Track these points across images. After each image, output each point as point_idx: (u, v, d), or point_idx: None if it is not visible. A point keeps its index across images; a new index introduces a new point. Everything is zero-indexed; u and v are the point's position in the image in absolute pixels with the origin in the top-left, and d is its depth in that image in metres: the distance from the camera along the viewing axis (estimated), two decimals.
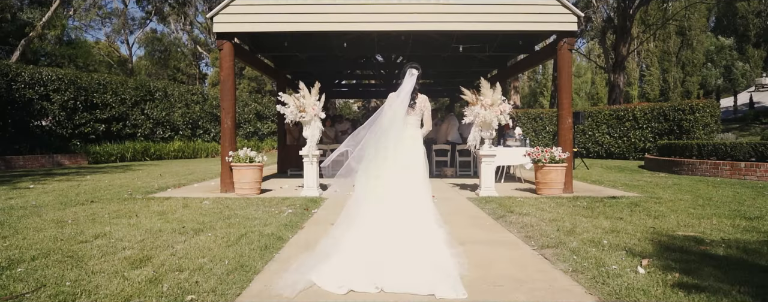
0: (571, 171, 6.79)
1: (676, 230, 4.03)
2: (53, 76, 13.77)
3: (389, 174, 3.44)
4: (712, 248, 3.38)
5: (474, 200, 5.99)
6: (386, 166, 3.47)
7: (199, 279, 2.64)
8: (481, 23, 6.62)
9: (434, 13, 6.58)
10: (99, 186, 7.30)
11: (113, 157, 14.53)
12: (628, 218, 4.59)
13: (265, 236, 3.74)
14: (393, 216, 3.15)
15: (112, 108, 15.23)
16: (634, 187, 7.30)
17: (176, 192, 6.76)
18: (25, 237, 3.65)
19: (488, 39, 8.07)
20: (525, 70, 17.10)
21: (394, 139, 3.57)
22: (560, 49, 6.76)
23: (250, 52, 8.61)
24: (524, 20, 6.63)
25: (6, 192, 6.54)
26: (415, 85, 3.76)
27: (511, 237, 3.87)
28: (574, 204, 5.53)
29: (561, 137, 6.85)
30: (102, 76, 15.86)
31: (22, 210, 4.96)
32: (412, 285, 2.58)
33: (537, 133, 18.17)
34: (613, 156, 16.21)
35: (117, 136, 15.40)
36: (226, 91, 6.96)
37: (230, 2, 6.63)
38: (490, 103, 6.26)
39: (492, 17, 6.57)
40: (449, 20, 6.60)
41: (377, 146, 3.50)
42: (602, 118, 16.56)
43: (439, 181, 8.52)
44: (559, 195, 6.30)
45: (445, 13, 6.57)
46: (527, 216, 4.72)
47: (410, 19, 6.63)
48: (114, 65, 24.49)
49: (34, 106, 13.18)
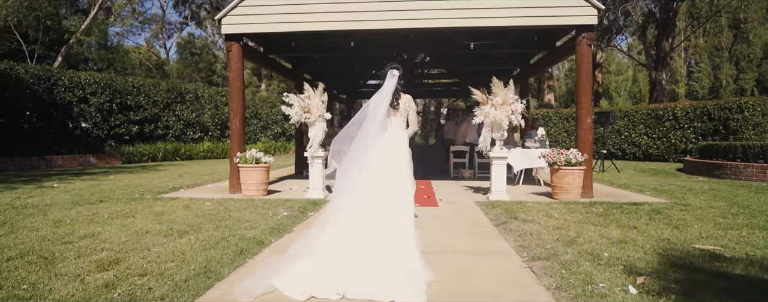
0: (590, 174, 6.35)
1: (694, 242, 3.63)
2: (91, 79, 14.46)
3: (368, 176, 3.36)
4: (730, 265, 2.99)
5: (482, 204, 5.70)
6: (365, 168, 3.40)
7: (154, 285, 2.57)
8: (493, 19, 6.30)
9: (441, 9, 6.33)
10: (116, 186, 7.52)
11: (145, 157, 15.09)
12: (643, 227, 4.19)
13: (246, 240, 3.66)
14: (367, 220, 3.07)
15: (144, 110, 15.83)
16: (662, 192, 6.76)
17: (186, 193, 6.85)
18: (16, 237, 3.73)
19: (502, 36, 7.71)
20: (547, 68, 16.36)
21: (374, 141, 3.49)
22: (579, 44, 6.34)
23: (263, 53, 8.65)
24: (539, 15, 6.26)
25: (30, 191, 6.84)
26: (396, 85, 3.76)
27: (504, 247, 3.60)
28: (588, 210, 5.14)
29: (579, 138, 6.43)
30: (136, 79, 16.52)
31: (32, 209, 5.13)
32: (375, 291, 2.46)
33: (569, 133, 17.38)
34: (651, 158, 15.25)
35: (149, 137, 15.99)
36: (235, 92, 6.99)
37: (238, 4, 6.65)
38: (501, 102, 5.95)
39: (504, 12, 6.24)
40: (458, 17, 6.32)
41: (358, 148, 3.45)
42: (639, 117, 15.62)
43: (454, 184, 8.24)
44: (576, 201, 5.90)
45: (454, 9, 6.30)
46: (531, 223, 4.41)
47: (418, 16, 6.41)
48: (152, 68, 25.63)
49: (73, 108, 13.88)
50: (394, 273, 2.61)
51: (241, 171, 6.62)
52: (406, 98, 3.86)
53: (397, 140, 3.72)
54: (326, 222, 3.14)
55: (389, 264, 2.69)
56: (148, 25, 27.41)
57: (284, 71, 10.37)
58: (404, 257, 2.82)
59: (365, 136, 3.46)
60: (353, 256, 2.77)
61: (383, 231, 3.00)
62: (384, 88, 3.69)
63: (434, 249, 3.53)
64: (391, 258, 2.77)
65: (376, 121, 3.49)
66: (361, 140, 3.43)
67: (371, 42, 8.87)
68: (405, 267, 2.70)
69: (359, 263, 2.70)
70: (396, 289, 2.45)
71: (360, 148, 3.42)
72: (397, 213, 3.21)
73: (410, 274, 2.62)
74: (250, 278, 2.68)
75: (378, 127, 3.51)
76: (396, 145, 3.67)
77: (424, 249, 3.47)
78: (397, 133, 3.77)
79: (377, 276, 2.57)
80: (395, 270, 2.64)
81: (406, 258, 2.81)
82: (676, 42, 25.78)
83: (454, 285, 2.69)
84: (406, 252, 2.89)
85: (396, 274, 2.59)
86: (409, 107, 3.86)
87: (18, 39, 18.68)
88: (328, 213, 3.26)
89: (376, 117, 3.51)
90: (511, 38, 7.65)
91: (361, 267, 2.66)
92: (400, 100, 3.78)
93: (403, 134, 3.81)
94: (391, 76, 3.73)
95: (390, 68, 3.77)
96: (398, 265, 2.70)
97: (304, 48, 8.81)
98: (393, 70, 3.76)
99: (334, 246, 2.88)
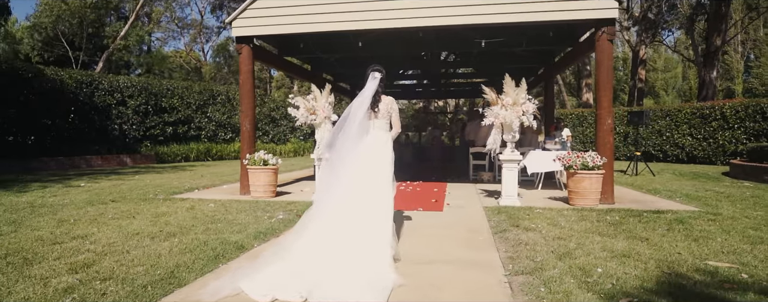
0: (611, 179, 5.92)
1: (710, 258, 3.25)
2: (128, 83, 15.17)
3: (346, 182, 3.30)
4: (741, 289, 2.63)
5: (489, 210, 5.43)
6: (344, 174, 3.34)
7: (112, 290, 2.55)
8: (504, 15, 5.98)
9: (451, 6, 6.08)
10: (137, 186, 7.78)
11: (178, 157, 15.67)
12: (656, 239, 3.82)
13: (226, 244, 3.62)
14: (342, 224, 3.05)
15: (178, 111, 16.44)
16: (695, 199, 6.20)
17: (198, 194, 6.97)
18: (15, 237, 3.87)
19: (521, 33, 7.34)
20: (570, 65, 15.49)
21: (354, 145, 3.46)
22: (598, 39, 5.92)
23: (278, 55, 8.71)
24: (556, 9, 5.88)
25: (56, 190, 7.19)
26: (377, 87, 3.67)
27: (492, 258, 3.36)
28: (601, 218, 4.77)
29: (599, 140, 6.00)
30: (170, 81, 17.19)
31: (46, 208, 5.35)
32: (338, 295, 2.47)
33: None
34: (696, 161, 14.19)
35: (183, 138, 16.59)
36: (245, 94, 7.05)
37: (247, 7, 6.70)
38: (512, 103, 5.66)
39: (516, 8, 5.91)
40: (468, 14, 6.06)
41: (338, 152, 3.43)
42: (682, 117, 14.58)
43: (470, 187, 7.96)
44: (592, 207, 5.50)
45: (464, 6, 6.05)
46: (531, 231, 4.13)
47: (427, 14, 6.20)
48: (191, 71, 26.69)
49: (112, 110, 14.60)
50: (359, 278, 2.61)
51: (249, 172, 6.66)
52: (388, 100, 3.76)
53: (379, 144, 3.63)
54: (303, 227, 3.14)
55: (356, 270, 2.69)
56: (188, 30, 28.56)
57: (302, 73, 10.42)
58: (373, 264, 2.80)
59: (345, 139, 3.43)
60: (323, 262, 2.77)
61: (357, 238, 2.97)
62: (364, 91, 3.63)
63: (419, 258, 3.36)
64: (360, 264, 2.76)
65: (355, 125, 3.44)
66: (341, 144, 3.42)
67: (388, 42, 8.72)
68: (371, 273, 2.69)
69: (328, 268, 2.70)
70: (358, 294, 2.47)
71: (341, 151, 3.40)
72: (374, 219, 3.14)
73: (374, 280, 2.62)
74: (219, 280, 2.72)
75: (357, 130, 3.45)
76: (377, 150, 3.58)
77: (409, 257, 3.34)
78: (379, 136, 3.68)
79: (342, 281, 2.58)
80: (361, 275, 2.64)
81: (374, 265, 2.79)
82: (731, 34, 23.92)
83: (420, 299, 2.51)
84: (376, 259, 2.86)
85: (361, 280, 2.60)
86: (391, 109, 3.76)
87: (65, 46, 20.00)
88: (304, 219, 3.24)
89: (355, 120, 3.45)
90: (529, 35, 7.26)
91: (329, 272, 2.67)
92: (381, 103, 3.69)
93: (385, 137, 3.71)
94: (372, 79, 3.66)
95: (372, 70, 3.72)
96: (365, 271, 2.69)
97: (321, 49, 8.79)
98: (374, 72, 3.70)
99: (307, 252, 2.88)
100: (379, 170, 3.42)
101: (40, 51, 20.59)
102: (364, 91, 3.57)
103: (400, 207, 5.71)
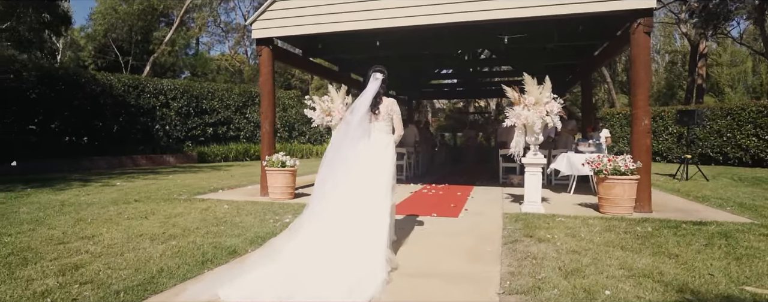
0: (648, 185, 5.38)
1: (750, 283, 2.80)
2: (171, 86, 15.88)
3: (344, 184, 3.21)
4: None
5: (507, 216, 5.09)
6: (341, 176, 3.26)
7: (84, 296, 2.54)
8: (531, 9, 5.60)
9: (474, 1, 5.77)
10: (166, 186, 8.03)
11: (218, 157, 16.21)
12: (688, 256, 3.37)
13: (220, 248, 3.57)
14: (333, 230, 3.00)
15: (218, 113, 17.01)
16: (749, 209, 5.52)
17: (220, 195, 7.07)
18: (30, 235, 4.03)
19: (547, 28, 6.86)
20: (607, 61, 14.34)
21: (353, 147, 3.39)
22: (634, 32, 5.40)
23: (302, 57, 8.71)
24: (586, 0, 5.44)
25: (92, 189, 7.55)
26: (378, 89, 3.55)
27: (490, 273, 3.07)
28: (631, 229, 4.31)
29: (634, 142, 5.48)
30: (211, 84, 17.82)
31: (72, 207, 5.59)
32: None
33: (656, 135, 15.33)
34: (762, 164, 12.84)
35: (222, 138, 17.15)
36: (265, 96, 7.08)
37: (267, 9, 6.71)
38: (534, 102, 5.27)
39: (540, 1, 5.52)
40: (487, 8, 5.72)
41: (336, 155, 3.35)
42: (746, 115, 13.24)
43: (497, 190, 7.58)
44: (623, 216, 5.02)
45: (486, 0, 5.72)
46: (544, 243, 3.78)
47: (446, 10, 5.92)
48: (235, 73, 27.66)
49: (157, 112, 15.33)
50: (339, 286, 2.57)
51: (267, 174, 6.67)
52: (389, 102, 3.64)
53: (379, 147, 3.52)
54: (295, 231, 3.12)
55: (338, 277, 2.64)
56: (232, 34, 29.63)
57: (328, 74, 10.39)
58: (357, 271, 2.72)
59: (345, 142, 3.36)
60: (307, 268, 2.73)
61: (343, 245, 2.91)
62: (365, 92, 3.54)
63: (412, 269, 3.15)
64: (342, 272, 2.69)
65: (351, 127, 3.37)
66: (340, 148, 3.35)
67: (416, 40, 8.48)
68: (353, 280, 2.63)
69: (310, 275, 2.67)
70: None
71: (337, 156, 3.33)
72: (365, 226, 3.04)
73: (356, 289, 2.56)
74: (196, 286, 2.69)
75: (353, 132, 3.37)
76: (375, 153, 3.47)
77: (402, 268, 3.15)
78: (380, 138, 3.57)
79: (326, 290, 2.53)
80: (341, 283, 2.59)
81: (358, 273, 2.71)
82: None
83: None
84: (362, 266, 2.77)
85: (341, 287, 2.56)
86: (392, 111, 3.63)
87: (115, 52, 21.37)
88: (296, 223, 3.22)
89: (351, 122, 3.38)
90: (561, 31, 6.78)
91: (310, 278, 2.63)
92: (382, 105, 3.58)
93: (386, 140, 3.59)
94: (374, 80, 3.57)
95: (373, 71, 3.62)
96: (346, 279, 2.63)
97: (346, 50, 8.71)
98: (376, 72, 3.60)
99: (293, 257, 2.85)
100: (376, 174, 3.30)
101: (94, 58, 22.17)
102: (365, 93, 3.49)
103: (414, 211, 5.49)
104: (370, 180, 3.26)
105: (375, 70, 3.60)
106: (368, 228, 3.03)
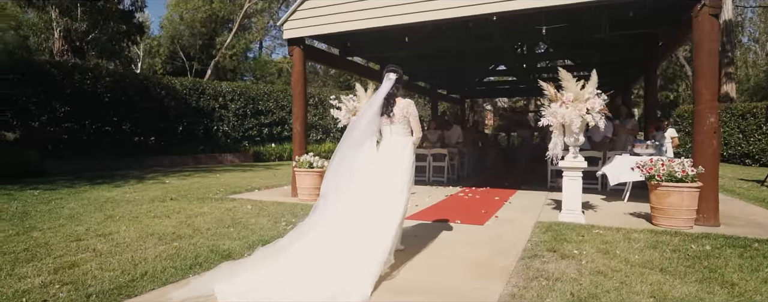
0: (715, 193, 4.57)
1: None
2: (229, 88, 16.64)
3: (353, 188, 3.11)
4: None
5: (539, 226, 4.57)
6: (352, 179, 3.14)
7: (59, 297, 2.53)
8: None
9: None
10: (208, 185, 8.31)
11: (273, 157, 16.73)
12: (748, 285, 2.74)
13: (215, 252, 3.50)
14: (337, 234, 2.95)
15: (273, 114, 17.56)
16: None
17: (253, 195, 7.15)
18: (56, 231, 4.23)
19: (591, 16, 6.10)
20: (671, 53, 12.41)
21: (362, 149, 3.21)
22: (697, 16, 4.61)
23: (338, 56, 8.62)
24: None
25: (142, 187, 7.98)
26: (391, 89, 3.34)
27: (488, 294, 2.68)
28: (681, 247, 3.64)
29: (697, 144, 4.68)
30: (266, 86, 18.45)
31: (113, 204, 5.89)
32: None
33: (746, 135, 13.45)
34: None
35: (277, 138, 17.68)
36: (296, 97, 7.05)
37: (297, 8, 6.67)
38: (573, 98, 4.69)
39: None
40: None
41: (344, 158, 3.21)
42: None
43: (541, 195, 6.96)
44: (679, 230, 4.29)
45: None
46: (567, 259, 3.29)
47: (481, 0, 5.49)
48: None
49: (216, 113, 16.14)
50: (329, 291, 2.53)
51: (296, 175, 6.63)
52: (404, 103, 3.39)
53: (395, 150, 3.32)
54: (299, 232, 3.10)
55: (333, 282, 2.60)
56: None
57: (366, 72, 10.21)
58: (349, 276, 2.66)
59: (354, 146, 3.22)
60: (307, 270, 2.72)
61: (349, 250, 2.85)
62: (377, 93, 3.37)
63: (403, 285, 2.85)
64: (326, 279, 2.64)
65: (357, 131, 3.23)
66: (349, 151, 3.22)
67: (457, 35, 8.04)
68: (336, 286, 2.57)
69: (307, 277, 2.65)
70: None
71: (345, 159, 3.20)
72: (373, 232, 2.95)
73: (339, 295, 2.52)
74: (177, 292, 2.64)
75: (360, 134, 3.22)
76: (388, 157, 3.29)
77: (394, 283, 2.88)
78: (396, 141, 3.36)
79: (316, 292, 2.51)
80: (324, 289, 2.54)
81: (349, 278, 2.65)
82: None
83: None
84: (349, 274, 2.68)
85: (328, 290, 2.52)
86: (408, 113, 3.38)
87: (182, 57, 22.96)
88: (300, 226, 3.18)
89: (358, 125, 3.26)
90: (605, 15, 6.02)
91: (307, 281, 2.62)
92: (396, 107, 3.34)
93: (403, 142, 3.37)
94: (387, 80, 3.36)
95: (387, 71, 3.40)
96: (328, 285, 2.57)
97: (383, 47, 8.49)
98: (389, 73, 3.38)
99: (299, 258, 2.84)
100: (384, 182, 3.12)
101: (163, 64, 24.08)
102: (377, 94, 3.32)
103: (439, 217, 5.14)
104: (376, 189, 3.10)
105: (389, 69, 3.38)
106: (363, 243, 2.88)
